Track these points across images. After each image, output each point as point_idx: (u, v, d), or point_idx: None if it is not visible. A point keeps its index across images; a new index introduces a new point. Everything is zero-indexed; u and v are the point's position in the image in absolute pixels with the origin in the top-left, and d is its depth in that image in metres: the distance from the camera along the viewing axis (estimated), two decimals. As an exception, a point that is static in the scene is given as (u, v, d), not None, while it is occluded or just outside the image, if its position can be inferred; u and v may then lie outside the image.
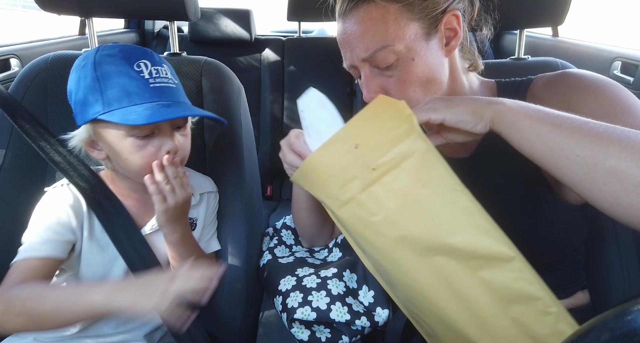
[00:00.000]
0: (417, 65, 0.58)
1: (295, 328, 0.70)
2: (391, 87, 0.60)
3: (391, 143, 0.47)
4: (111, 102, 0.61)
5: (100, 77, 0.61)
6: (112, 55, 0.63)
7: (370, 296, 0.69)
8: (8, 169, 0.81)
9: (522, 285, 0.47)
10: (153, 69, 0.63)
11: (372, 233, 0.50)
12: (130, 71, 0.62)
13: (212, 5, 2.01)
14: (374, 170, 0.48)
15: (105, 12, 0.92)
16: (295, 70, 2.05)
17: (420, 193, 0.47)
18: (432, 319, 0.54)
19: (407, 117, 0.48)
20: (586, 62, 1.43)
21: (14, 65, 1.30)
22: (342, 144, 0.49)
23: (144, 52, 0.65)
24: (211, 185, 0.82)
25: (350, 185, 0.49)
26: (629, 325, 0.23)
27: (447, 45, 0.61)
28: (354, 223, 0.51)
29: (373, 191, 0.48)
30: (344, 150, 0.49)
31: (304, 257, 0.81)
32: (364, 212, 0.49)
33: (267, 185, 2.09)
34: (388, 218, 0.48)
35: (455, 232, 0.47)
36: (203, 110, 0.68)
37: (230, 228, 0.81)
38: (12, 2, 11.86)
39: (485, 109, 0.48)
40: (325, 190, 0.51)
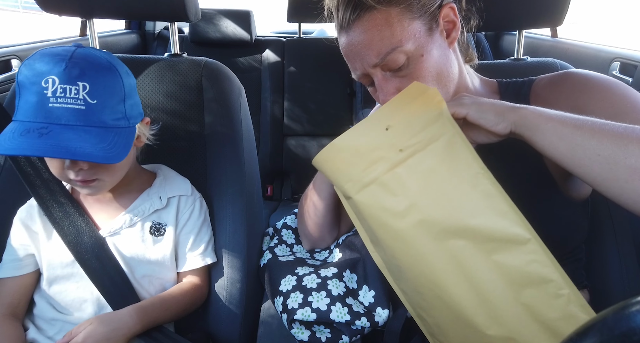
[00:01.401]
0: (426, 60, 0.59)
1: (295, 328, 0.70)
2: (406, 86, 0.60)
3: (420, 126, 0.50)
4: (17, 111, 0.61)
5: (20, 83, 0.61)
6: (32, 65, 0.61)
7: (371, 296, 0.69)
8: (8, 170, 0.81)
9: (536, 268, 0.47)
10: (60, 88, 0.59)
11: (391, 216, 0.51)
12: (36, 86, 0.59)
13: (213, 6, 2.01)
14: (400, 151, 0.50)
15: (106, 13, 0.92)
16: (296, 71, 2.05)
17: (443, 176, 0.49)
18: (439, 310, 0.54)
19: (438, 103, 0.50)
20: (585, 62, 1.43)
21: (15, 66, 1.30)
22: (374, 126, 0.51)
23: (58, 68, 0.60)
24: (185, 188, 0.79)
25: (375, 166, 0.51)
26: (629, 324, 0.23)
27: (448, 37, 0.62)
28: (372, 207, 0.53)
29: (397, 173, 0.50)
30: (376, 132, 0.51)
31: (304, 258, 0.81)
32: (385, 193, 0.51)
33: (268, 186, 2.09)
34: (409, 201, 0.50)
35: (474, 214, 0.48)
36: (61, 152, 0.58)
37: (231, 228, 0.81)
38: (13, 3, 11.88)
39: (508, 111, 0.51)
40: (348, 172, 0.53)
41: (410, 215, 0.50)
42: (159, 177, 0.78)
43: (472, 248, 0.49)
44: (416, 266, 0.53)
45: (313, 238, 0.83)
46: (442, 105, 0.50)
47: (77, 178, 0.64)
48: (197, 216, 0.78)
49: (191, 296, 0.75)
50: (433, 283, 0.52)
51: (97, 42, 0.96)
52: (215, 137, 0.86)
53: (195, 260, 0.77)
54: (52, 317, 0.70)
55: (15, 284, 0.70)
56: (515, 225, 0.48)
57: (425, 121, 0.50)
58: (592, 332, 0.25)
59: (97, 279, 0.68)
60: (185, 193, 0.78)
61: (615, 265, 0.77)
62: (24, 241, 0.71)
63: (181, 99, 0.87)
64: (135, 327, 0.65)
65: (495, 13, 0.85)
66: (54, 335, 0.69)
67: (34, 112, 0.59)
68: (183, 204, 0.77)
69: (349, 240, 0.80)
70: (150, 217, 0.74)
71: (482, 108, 0.51)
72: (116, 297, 0.69)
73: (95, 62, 0.62)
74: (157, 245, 0.73)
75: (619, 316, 0.24)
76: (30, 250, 0.71)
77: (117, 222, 0.72)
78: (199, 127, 0.86)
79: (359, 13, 0.59)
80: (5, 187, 0.81)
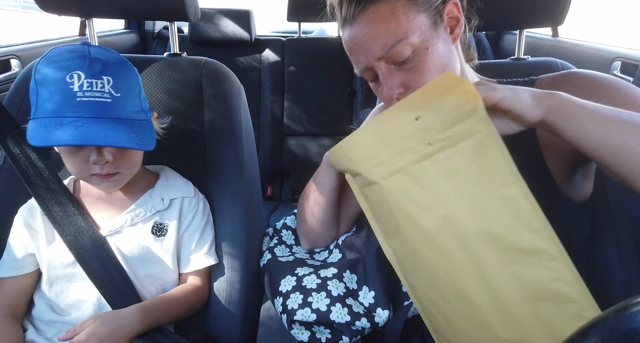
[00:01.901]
0: (431, 54, 0.59)
1: (295, 329, 0.70)
2: (411, 79, 0.60)
3: (452, 121, 0.47)
4: (38, 109, 0.62)
5: (38, 82, 0.62)
6: (53, 62, 0.62)
7: (371, 297, 0.69)
8: (8, 170, 0.81)
9: (559, 286, 0.46)
10: (86, 82, 0.61)
11: (416, 206, 0.50)
12: (61, 82, 0.61)
13: (212, 6, 2.01)
14: (429, 145, 0.48)
15: (105, 13, 0.92)
16: (296, 71, 2.05)
17: (471, 177, 0.47)
18: (454, 306, 0.53)
19: (473, 98, 0.46)
20: (586, 62, 1.43)
21: (15, 65, 1.30)
22: (403, 113, 0.49)
23: (82, 62, 0.62)
24: (187, 190, 0.79)
25: (403, 155, 0.50)
26: (629, 324, 0.23)
27: (451, 34, 0.62)
28: (398, 194, 0.51)
29: (425, 165, 0.49)
30: (405, 120, 0.49)
31: (304, 259, 0.81)
32: (412, 184, 0.50)
33: (267, 186, 2.09)
34: (435, 194, 0.49)
35: (500, 222, 0.47)
36: (102, 140, 0.60)
37: (231, 229, 0.81)
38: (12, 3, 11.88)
39: (545, 96, 0.48)
40: (378, 156, 0.52)
41: (435, 210, 0.49)
42: (161, 178, 0.78)
43: (494, 254, 0.47)
44: (436, 259, 0.52)
45: (312, 235, 0.83)
46: (478, 100, 0.46)
47: (102, 171, 0.65)
48: (201, 218, 0.78)
49: (193, 298, 0.75)
50: (452, 278, 0.51)
51: (97, 41, 0.96)
52: (215, 137, 0.86)
53: (198, 261, 0.77)
54: (51, 319, 0.70)
55: (15, 284, 0.70)
56: (543, 240, 0.46)
57: (458, 116, 0.47)
58: (593, 332, 0.25)
59: (97, 279, 0.68)
60: (188, 195, 0.78)
61: (616, 266, 0.77)
62: (24, 240, 0.71)
63: (181, 98, 0.87)
64: (137, 327, 0.65)
65: (496, 12, 0.85)
66: (52, 336, 0.69)
67: (62, 107, 0.60)
68: (186, 206, 0.77)
69: (349, 241, 0.80)
70: (152, 217, 0.74)
71: (518, 92, 0.48)
72: (116, 297, 0.68)
73: (111, 57, 0.65)
74: (158, 246, 0.73)
75: (620, 316, 0.24)
76: (30, 250, 0.71)
77: (118, 221, 0.72)
78: (199, 126, 0.86)
79: (364, 5, 0.59)
80: (5, 187, 0.81)
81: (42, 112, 0.61)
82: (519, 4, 0.92)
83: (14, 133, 0.75)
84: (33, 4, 0.85)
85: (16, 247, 0.71)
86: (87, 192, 0.74)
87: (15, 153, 0.72)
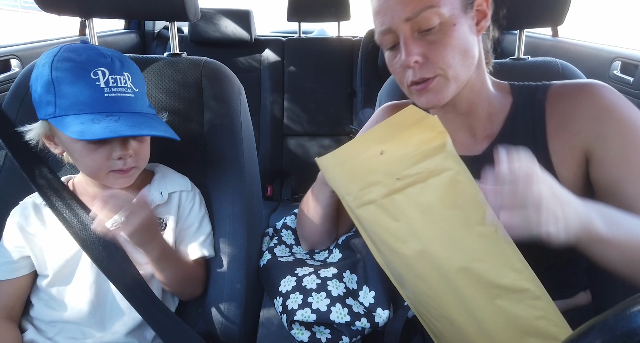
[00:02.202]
0: (457, 31, 0.59)
1: (295, 329, 0.70)
2: (432, 52, 0.59)
3: (419, 156, 0.46)
4: (62, 108, 0.61)
5: (55, 80, 0.61)
6: (71, 59, 0.62)
7: (371, 296, 0.69)
8: (8, 170, 0.81)
9: (545, 325, 0.45)
10: (111, 78, 0.63)
11: (392, 237, 0.50)
12: (86, 79, 0.61)
13: (212, 6, 2.01)
14: (398, 180, 0.47)
15: (105, 13, 0.91)
16: (296, 71, 2.05)
17: (445, 214, 0.46)
18: (442, 325, 0.54)
19: (440, 134, 0.45)
20: (586, 62, 1.43)
21: (15, 66, 1.30)
22: (368, 147, 0.48)
23: (104, 59, 0.64)
24: (185, 184, 0.79)
25: (372, 188, 0.49)
26: (629, 325, 0.23)
27: (477, 25, 0.62)
28: (373, 224, 0.51)
29: (396, 199, 0.48)
30: (370, 154, 0.48)
31: (304, 259, 0.81)
32: (385, 216, 0.49)
33: (267, 186, 2.09)
34: (410, 228, 0.47)
35: (480, 260, 0.45)
36: (149, 130, 0.64)
37: (231, 229, 0.81)
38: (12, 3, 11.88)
39: (576, 226, 0.45)
40: (346, 187, 0.51)
41: (412, 243, 0.48)
42: (157, 174, 0.79)
43: (475, 289, 0.47)
44: (419, 285, 0.51)
45: (312, 241, 0.83)
46: (445, 137, 0.44)
47: (124, 166, 0.66)
48: (198, 210, 0.79)
49: (193, 271, 0.75)
50: (437, 303, 0.51)
51: (97, 41, 0.96)
52: (215, 137, 0.86)
53: (194, 250, 0.77)
54: (51, 319, 0.70)
55: (11, 287, 0.70)
56: (524, 279, 0.45)
57: (425, 152, 0.45)
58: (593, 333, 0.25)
59: (105, 268, 0.68)
60: (186, 188, 0.79)
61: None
62: (18, 243, 0.70)
63: (181, 98, 0.87)
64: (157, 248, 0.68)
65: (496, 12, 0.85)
66: (54, 335, 0.69)
67: (93, 103, 0.61)
68: (184, 199, 0.78)
69: (349, 241, 0.80)
70: None
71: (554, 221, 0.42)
72: (130, 285, 0.68)
73: (121, 55, 0.68)
74: None
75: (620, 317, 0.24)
76: (25, 252, 0.70)
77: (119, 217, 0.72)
78: (199, 126, 0.86)
79: None
80: (5, 187, 0.81)
81: (73, 109, 0.61)
82: (519, 4, 0.92)
83: (16, 133, 0.74)
84: (33, 4, 0.84)
85: (10, 250, 0.70)
86: (84, 192, 0.74)
87: (16, 153, 0.72)
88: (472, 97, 0.66)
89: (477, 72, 0.65)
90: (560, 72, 0.91)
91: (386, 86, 0.99)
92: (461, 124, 0.69)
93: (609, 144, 0.58)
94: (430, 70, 0.59)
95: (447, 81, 0.60)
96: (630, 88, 1.26)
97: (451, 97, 0.62)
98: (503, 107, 0.67)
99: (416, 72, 0.60)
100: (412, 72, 0.61)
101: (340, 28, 2.24)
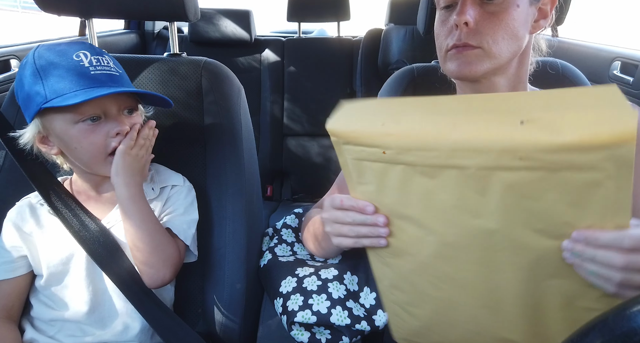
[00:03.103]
0: (517, 12, 0.58)
1: (295, 330, 0.70)
2: (485, 21, 0.59)
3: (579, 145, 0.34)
4: (52, 91, 0.62)
5: (40, 69, 0.62)
6: (51, 49, 0.64)
7: (372, 298, 0.69)
8: (8, 170, 0.81)
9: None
10: (93, 58, 0.65)
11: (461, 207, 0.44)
12: (70, 61, 0.63)
13: (212, 6, 2.01)
14: (520, 159, 0.37)
15: (105, 13, 0.91)
16: (296, 71, 2.05)
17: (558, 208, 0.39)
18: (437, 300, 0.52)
19: (629, 134, 0.33)
20: (586, 62, 1.43)
21: (14, 66, 1.30)
22: (508, 108, 0.38)
23: (82, 44, 0.66)
24: (177, 179, 0.79)
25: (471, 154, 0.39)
26: (629, 324, 0.23)
27: (535, 22, 0.62)
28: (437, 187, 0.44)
29: (498, 175, 0.39)
30: (504, 119, 0.38)
31: (305, 259, 0.81)
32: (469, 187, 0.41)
33: (267, 186, 2.09)
34: (494, 206, 0.41)
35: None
36: (142, 90, 0.70)
37: (231, 229, 0.81)
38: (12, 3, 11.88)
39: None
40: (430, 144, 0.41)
41: (486, 219, 0.43)
42: (151, 171, 0.79)
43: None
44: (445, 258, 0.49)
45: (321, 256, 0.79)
46: (633, 139, 0.33)
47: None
48: (184, 197, 0.77)
49: (166, 242, 0.69)
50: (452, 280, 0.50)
51: (97, 42, 0.96)
52: (214, 137, 0.86)
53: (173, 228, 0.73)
54: (50, 318, 0.70)
55: (9, 287, 0.70)
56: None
57: (589, 143, 0.34)
58: (593, 332, 0.25)
59: (105, 267, 0.68)
60: (178, 183, 0.79)
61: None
62: (15, 243, 0.70)
63: (180, 99, 0.87)
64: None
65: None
66: (54, 334, 0.69)
67: (78, 81, 0.62)
68: (175, 191, 0.78)
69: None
70: None
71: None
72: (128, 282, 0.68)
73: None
74: None
75: (620, 316, 0.24)
76: (22, 252, 0.70)
77: (113, 215, 0.72)
78: (199, 126, 0.86)
79: None
80: (5, 187, 0.81)
81: (63, 89, 0.62)
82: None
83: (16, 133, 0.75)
84: (33, 4, 0.84)
85: (7, 250, 0.70)
86: (80, 191, 0.74)
87: (16, 153, 0.72)
88: (509, 88, 0.65)
89: (518, 67, 0.64)
90: (560, 72, 0.91)
91: (386, 86, 0.99)
92: None
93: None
94: (477, 39, 0.59)
95: (486, 56, 0.59)
96: (630, 88, 1.26)
97: (483, 73, 0.60)
98: None
99: (462, 35, 0.59)
100: (458, 34, 0.60)
101: (340, 28, 2.25)
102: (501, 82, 0.64)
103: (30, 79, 0.63)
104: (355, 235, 0.52)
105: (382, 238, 0.51)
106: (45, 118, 0.64)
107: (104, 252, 0.68)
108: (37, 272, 0.71)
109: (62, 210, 0.69)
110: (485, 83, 0.64)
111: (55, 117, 0.64)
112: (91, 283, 0.70)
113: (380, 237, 0.51)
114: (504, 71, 0.63)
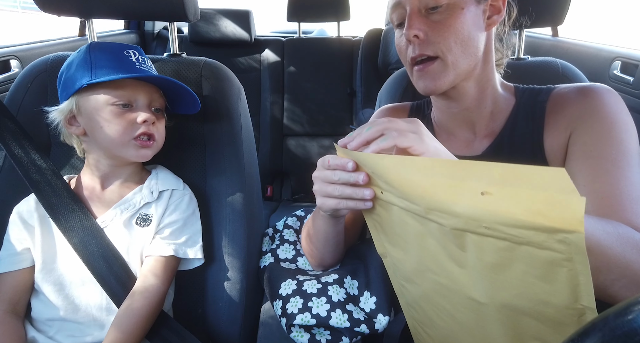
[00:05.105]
0: (463, 16, 0.59)
1: (294, 332, 0.69)
2: (433, 31, 0.60)
3: (528, 224, 0.36)
4: (99, 73, 0.69)
5: (92, 56, 0.70)
6: (104, 45, 0.72)
7: (372, 302, 0.69)
8: (8, 170, 0.81)
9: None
10: (140, 57, 0.74)
11: (446, 256, 0.46)
12: (120, 54, 0.71)
13: (212, 6, 2.01)
14: (485, 228, 0.39)
15: (105, 13, 0.91)
16: (295, 71, 2.05)
17: (527, 280, 0.40)
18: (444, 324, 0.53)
19: (577, 224, 0.34)
20: (586, 62, 1.43)
21: (14, 66, 1.30)
22: (468, 177, 0.39)
23: (131, 46, 0.75)
24: (177, 183, 0.79)
25: (445, 215, 0.42)
26: (630, 324, 0.23)
27: (488, 19, 0.62)
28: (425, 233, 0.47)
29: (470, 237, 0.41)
30: (465, 185, 0.39)
31: (306, 270, 0.80)
32: (450, 241, 0.43)
33: (267, 186, 2.09)
34: (474, 261, 0.43)
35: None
36: (181, 83, 0.75)
37: (231, 229, 0.81)
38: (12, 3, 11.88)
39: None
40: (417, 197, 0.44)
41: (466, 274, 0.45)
42: (152, 173, 0.80)
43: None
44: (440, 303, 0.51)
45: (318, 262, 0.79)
46: (581, 228, 0.33)
47: (148, 130, 0.72)
48: (185, 208, 0.77)
49: (141, 309, 0.67)
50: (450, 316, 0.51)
51: (97, 42, 0.96)
52: (214, 137, 0.86)
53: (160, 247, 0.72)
54: (48, 318, 0.70)
55: (15, 279, 0.70)
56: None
57: (542, 227, 0.35)
58: (594, 332, 0.25)
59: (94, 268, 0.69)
60: (177, 188, 0.79)
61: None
62: (20, 235, 0.72)
63: (180, 99, 0.87)
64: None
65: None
66: (53, 334, 0.70)
67: (126, 69, 0.70)
68: (174, 197, 0.78)
69: (350, 248, 0.80)
70: (140, 209, 0.75)
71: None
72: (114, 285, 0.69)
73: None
74: (141, 236, 0.74)
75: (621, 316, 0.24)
76: (26, 244, 0.71)
77: (109, 214, 0.73)
78: (199, 127, 0.86)
79: None
80: (5, 187, 0.81)
81: (109, 74, 0.68)
82: (518, 4, 0.92)
83: (16, 133, 0.75)
84: (33, 5, 0.84)
85: (13, 242, 0.71)
86: (84, 188, 0.75)
87: (16, 153, 0.73)
88: (478, 92, 0.66)
89: (483, 67, 0.65)
90: (560, 72, 0.91)
91: (386, 86, 0.99)
92: (463, 120, 0.69)
93: (580, 138, 0.58)
94: (431, 49, 0.60)
95: (445, 67, 0.61)
96: (630, 88, 1.26)
97: (449, 85, 0.62)
98: (506, 106, 0.68)
99: (416, 48, 0.61)
100: (412, 47, 0.61)
101: (340, 28, 2.25)
102: (468, 85, 0.65)
103: (81, 63, 0.69)
104: (339, 194, 0.54)
105: (368, 201, 0.52)
106: (82, 96, 0.70)
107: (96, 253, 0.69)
108: (37, 267, 0.71)
109: (58, 210, 0.70)
110: (452, 91, 0.65)
111: (92, 97, 0.69)
112: (89, 282, 0.70)
113: (365, 200, 0.52)
114: (470, 75, 0.64)
